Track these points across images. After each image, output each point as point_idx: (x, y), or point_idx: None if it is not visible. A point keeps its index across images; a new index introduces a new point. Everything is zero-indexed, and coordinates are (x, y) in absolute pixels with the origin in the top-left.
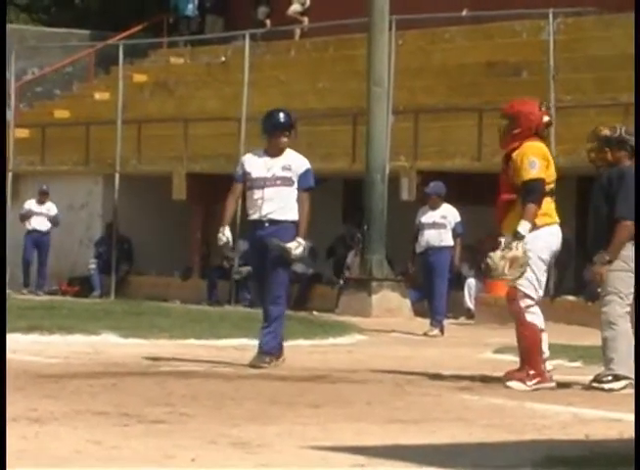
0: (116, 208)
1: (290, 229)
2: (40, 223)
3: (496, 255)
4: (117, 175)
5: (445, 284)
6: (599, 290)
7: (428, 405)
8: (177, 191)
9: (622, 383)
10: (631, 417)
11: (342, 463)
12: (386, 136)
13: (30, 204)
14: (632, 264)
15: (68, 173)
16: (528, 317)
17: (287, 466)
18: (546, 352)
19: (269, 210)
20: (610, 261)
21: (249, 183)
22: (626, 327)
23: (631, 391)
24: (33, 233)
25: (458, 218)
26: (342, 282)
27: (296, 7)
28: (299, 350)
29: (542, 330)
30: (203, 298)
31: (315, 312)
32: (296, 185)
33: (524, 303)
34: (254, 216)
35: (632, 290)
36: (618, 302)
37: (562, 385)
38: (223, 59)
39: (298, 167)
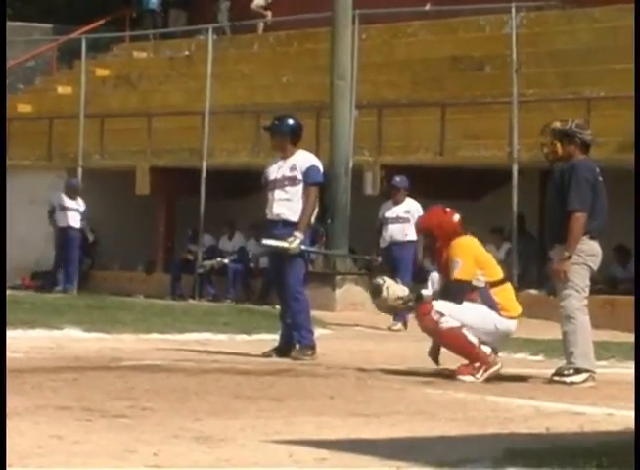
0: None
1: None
2: (74, 220)
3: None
4: (80, 170)
5: (409, 278)
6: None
7: (390, 399)
8: (140, 185)
9: (583, 376)
10: (592, 410)
11: (306, 457)
12: (349, 130)
13: (59, 198)
14: (588, 258)
15: (31, 168)
16: (445, 326)
17: (249, 460)
18: (473, 339)
19: (279, 210)
20: (569, 257)
21: (267, 186)
22: (585, 320)
23: (592, 383)
24: (68, 230)
25: (421, 212)
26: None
27: (259, 1)
28: (263, 344)
29: (459, 327)
30: (166, 292)
31: (277, 307)
32: (302, 184)
33: (435, 315)
34: (268, 217)
35: (588, 282)
36: (576, 295)
37: (523, 378)
38: (187, 53)
39: (303, 165)
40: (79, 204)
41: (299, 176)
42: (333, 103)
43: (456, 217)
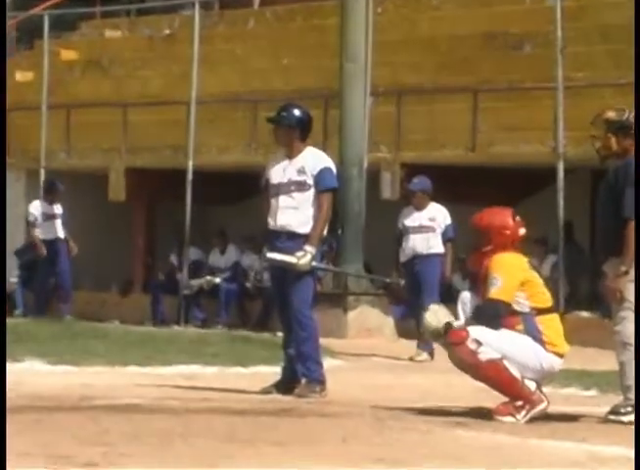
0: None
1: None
2: (60, 229)
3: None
4: (43, 171)
5: (435, 298)
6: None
7: (414, 442)
8: (115, 190)
9: None
10: None
11: None
12: (363, 123)
13: (41, 206)
14: None
15: None
16: (483, 357)
17: None
18: (517, 373)
19: (284, 220)
20: (626, 272)
21: (269, 190)
22: None
23: None
24: (56, 242)
25: (449, 220)
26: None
27: None
28: (262, 378)
29: (500, 359)
30: (146, 317)
31: (279, 334)
32: (312, 190)
33: (472, 344)
34: (271, 227)
35: None
36: (633, 318)
37: (573, 417)
38: (168, 31)
39: (313, 168)
40: (58, 208)
41: (309, 181)
42: (343, 90)
43: (522, 231)
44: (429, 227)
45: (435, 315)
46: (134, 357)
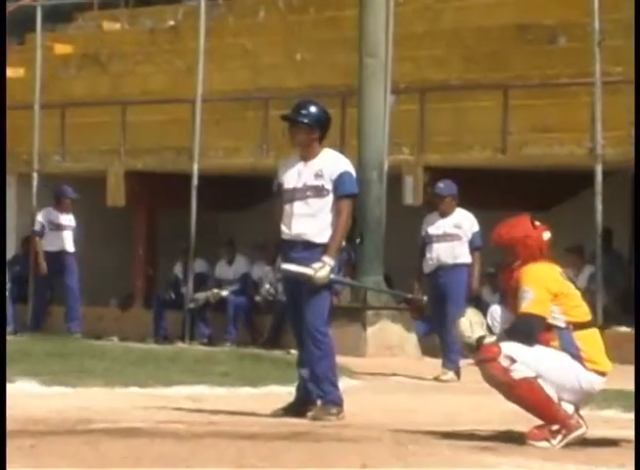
0: (35, 217)
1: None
2: (69, 241)
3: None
4: (36, 175)
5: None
6: None
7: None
8: (113, 195)
9: None
10: None
11: None
12: (383, 122)
13: (50, 214)
14: None
15: None
16: (516, 375)
17: None
18: (553, 394)
19: (300, 229)
20: None
21: (282, 196)
22: None
23: None
24: (63, 254)
25: (476, 228)
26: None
27: None
28: (273, 400)
29: (535, 377)
30: (147, 333)
31: (293, 351)
32: (331, 195)
33: (505, 360)
34: (285, 236)
35: None
36: None
37: (613, 442)
38: (171, 23)
39: (332, 172)
40: (72, 219)
41: (328, 185)
42: (362, 87)
43: (546, 235)
44: (454, 235)
45: (470, 324)
46: (135, 377)
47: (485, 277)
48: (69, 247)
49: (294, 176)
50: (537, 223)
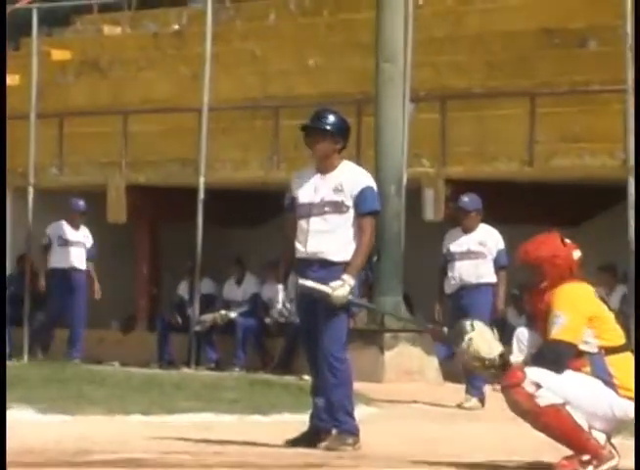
0: (31, 234)
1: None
2: (78, 258)
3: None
4: (31, 189)
5: None
6: None
7: None
8: (114, 211)
9: None
10: None
11: None
12: (402, 132)
13: (60, 229)
14: None
15: None
16: (542, 402)
17: None
18: (582, 422)
19: (317, 246)
20: None
21: (297, 211)
22: None
23: None
24: (71, 272)
25: (501, 245)
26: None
27: None
28: (285, 428)
29: (563, 404)
30: (151, 357)
31: (306, 377)
32: (351, 211)
33: (530, 387)
34: (301, 254)
35: None
36: None
37: None
38: (176, 27)
39: (352, 187)
40: (86, 236)
41: (348, 201)
42: (379, 94)
43: (576, 254)
44: (478, 253)
45: (485, 339)
46: (137, 405)
47: (510, 298)
48: (79, 264)
49: (310, 190)
50: (567, 241)
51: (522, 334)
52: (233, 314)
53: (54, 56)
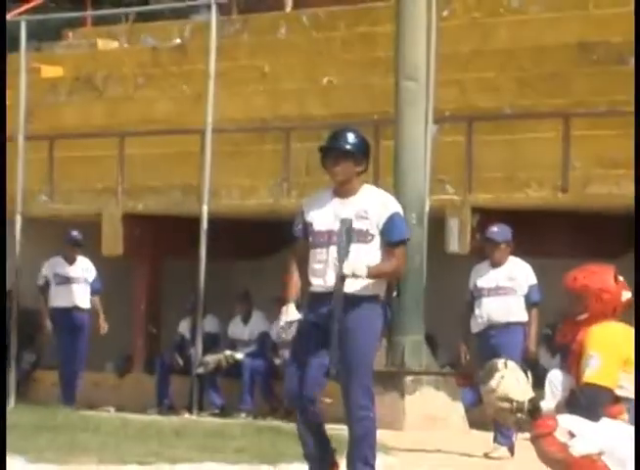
0: (18, 267)
1: (375, 311)
2: (81, 296)
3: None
4: (19, 217)
5: None
6: None
7: None
8: (109, 242)
9: None
10: None
11: None
12: (424, 156)
13: (56, 266)
14: None
15: None
16: (575, 452)
17: None
18: None
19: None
20: None
21: (311, 239)
22: None
23: None
24: (74, 311)
25: (533, 280)
26: None
27: None
28: None
29: (598, 455)
30: (149, 403)
31: None
32: (377, 240)
33: (563, 436)
34: (319, 288)
35: None
36: None
37: None
38: (178, 41)
39: (378, 214)
40: (86, 269)
41: (373, 230)
42: (399, 115)
43: (626, 294)
44: (508, 289)
45: (517, 380)
46: (134, 454)
47: (542, 338)
48: (82, 302)
49: (328, 216)
50: (620, 278)
51: (555, 377)
52: (239, 355)
53: (44, 73)
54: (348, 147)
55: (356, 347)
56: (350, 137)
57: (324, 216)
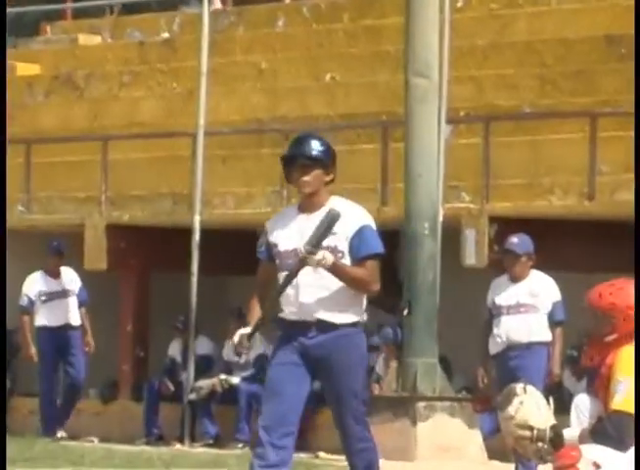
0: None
1: (355, 339)
2: (73, 313)
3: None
4: None
5: None
6: None
7: None
8: (92, 255)
9: None
10: None
11: None
12: (437, 160)
13: (40, 283)
14: None
15: None
16: None
17: None
18: None
19: (311, 305)
20: None
21: (278, 261)
22: None
23: None
24: (66, 330)
25: (557, 296)
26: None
27: None
28: None
29: None
30: (137, 432)
31: (322, 454)
32: (347, 258)
33: (587, 468)
34: (290, 315)
35: None
36: None
37: None
38: (166, 35)
39: (348, 228)
40: (72, 280)
41: (342, 245)
42: (410, 115)
43: None
44: (529, 306)
45: (537, 406)
46: None
47: (567, 360)
48: (74, 320)
49: (294, 235)
50: None
51: (582, 402)
52: (235, 380)
53: (20, 71)
54: (317, 154)
55: (342, 379)
56: (316, 144)
57: (289, 236)
